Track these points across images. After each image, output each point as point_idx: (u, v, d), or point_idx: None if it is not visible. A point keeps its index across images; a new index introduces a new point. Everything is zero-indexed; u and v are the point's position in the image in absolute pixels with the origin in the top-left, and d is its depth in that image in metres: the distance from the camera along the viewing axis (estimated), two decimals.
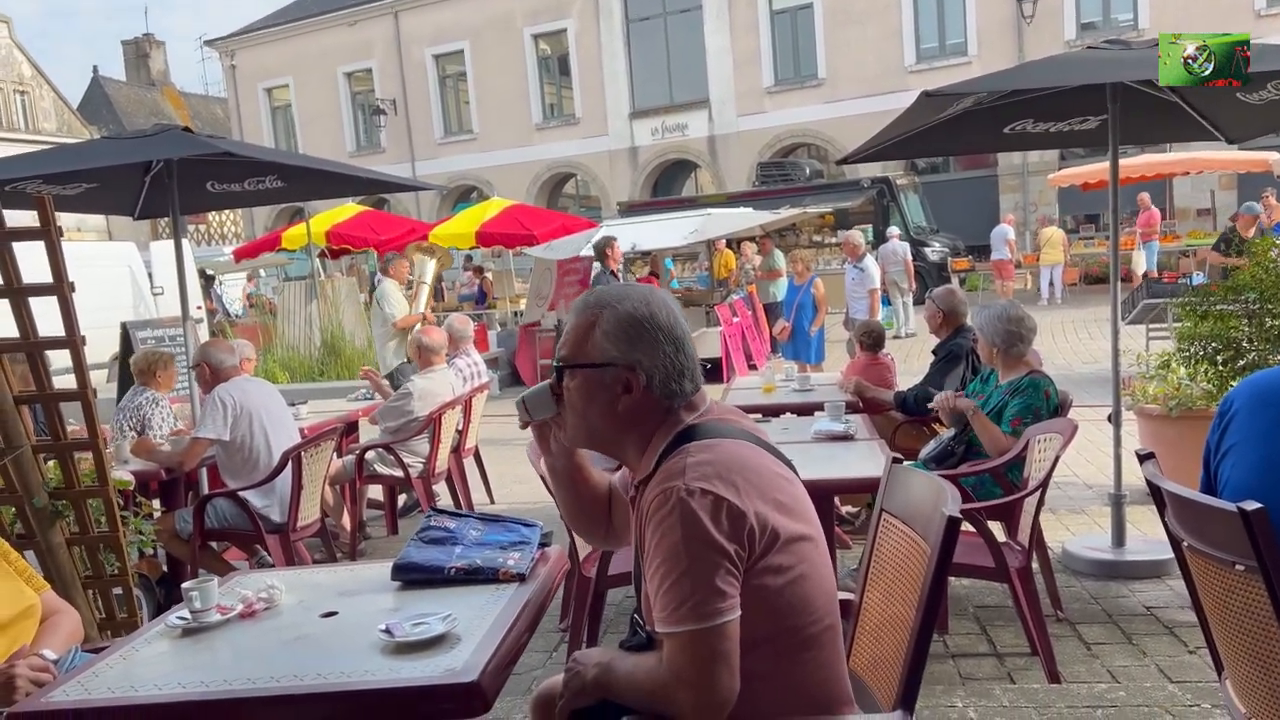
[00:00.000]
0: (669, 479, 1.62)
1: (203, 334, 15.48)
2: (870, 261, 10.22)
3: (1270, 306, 4.17)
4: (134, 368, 5.76)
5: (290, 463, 4.50)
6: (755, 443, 1.74)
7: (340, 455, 5.75)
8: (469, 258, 19.75)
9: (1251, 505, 1.51)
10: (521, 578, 2.06)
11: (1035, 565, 3.72)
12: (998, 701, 3.20)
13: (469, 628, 1.80)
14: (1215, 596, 1.74)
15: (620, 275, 9.02)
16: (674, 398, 1.74)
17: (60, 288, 2.99)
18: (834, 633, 1.72)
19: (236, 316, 19.26)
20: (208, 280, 19.49)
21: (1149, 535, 4.80)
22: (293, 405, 5.92)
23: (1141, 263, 16.24)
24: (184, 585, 1.96)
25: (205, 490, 5.32)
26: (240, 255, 16.64)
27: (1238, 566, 1.60)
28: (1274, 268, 4.15)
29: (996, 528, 3.80)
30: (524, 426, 1.87)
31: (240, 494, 4.50)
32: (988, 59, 22.26)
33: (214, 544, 4.91)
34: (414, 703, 1.60)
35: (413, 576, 2.05)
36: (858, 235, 10.25)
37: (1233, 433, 1.78)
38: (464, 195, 28.27)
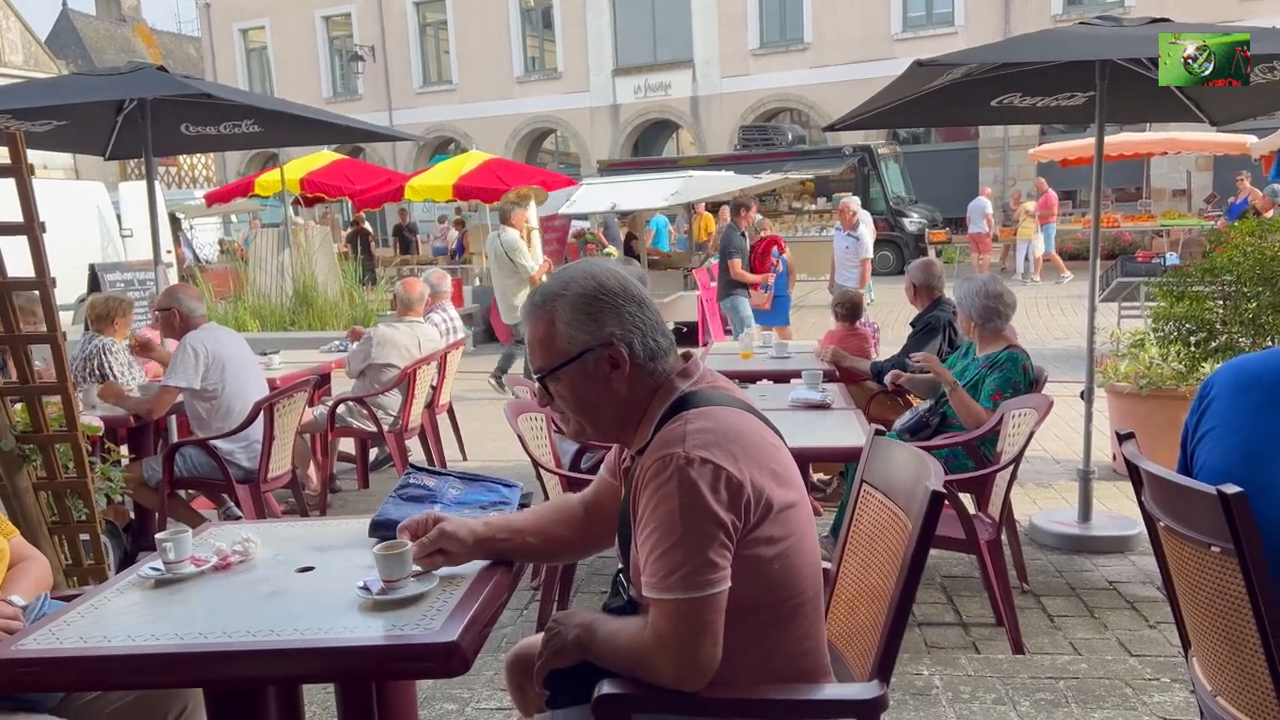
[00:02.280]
0: (667, 445, 1.61)
1: (171, 278, 15.27)
2: (865, 230, 10.23)
3: (1246, 290, 4.21)
4: (90, 313, 5.62)
5: (262, 413, 4.45)
6: (748, 410, 1.73)
7: (312, 406, 5.70)
8: (458, 211, 19.49)
9: (1231, 489, 1.52)
10: None
11: (1003, 538, 3.77)
12: (963, 671, 3.26)
13: (448, 587, 1.79)
14: (1188, 576, 1.76)
15: (748, 236, 8.96)
16: (658, 357, 1.72)
17: (31, 228, 2.91)
18: (816, 603, 1.73)
19: (206, 262, 18.98)
20: (176, 224, 19.17)
21: (1114, 511, 4.88)
22: (265, 355, 5.87)
23: (1040, 246, 16.55)
24: (158, 536, 1.93)
25: (174, 438, 5.27)
26: (212, 200, 16.36)
27: (1213, 548, 1.62)
28: (1252, 252, 4.18)
29: (967, 500, 3.85)
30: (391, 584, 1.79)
31: (210, 443, 4.45)
32: (974, 29, 22.20)
33: (182, 493, 4.86)
34: (394, 661, 1.59)
35: (390, 533, 2.03)
36: (855, 203, 10.22)
37: (1211, 416, 1.79)
38: (441, 147, 27.89)
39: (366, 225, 18.70)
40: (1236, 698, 1.69)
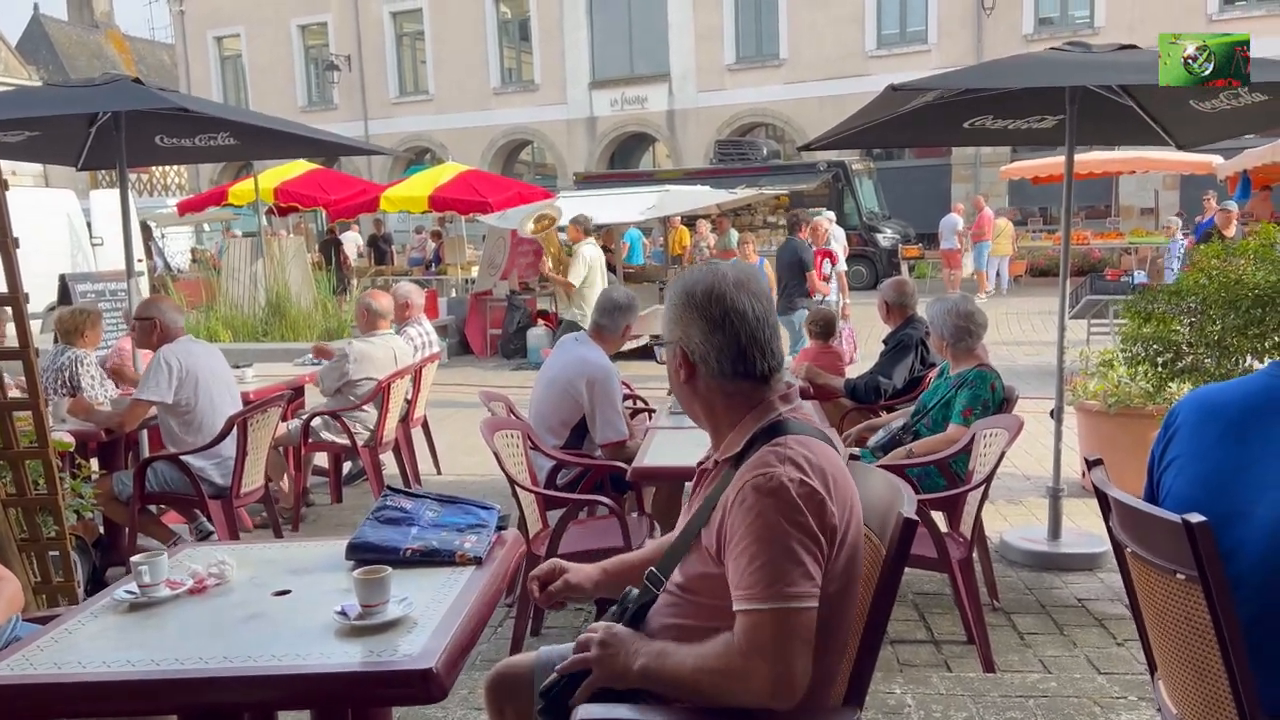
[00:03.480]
0: (769, 465, 1.67)
1: (143, 288, 15.11)
2: (837, 246, 10.41)
3: (1211, 313, 4.29)
4: (58, 326, 5.58)
5: (235, 428, 4.42)
6: (833, 447, 1.79)
7: (286, 421, 5.67)
8: (445, 220, 19.41)
9: (1196, 518, 1.56)
10: (479, 561, 2.05)
11: (974, 555, 3.82)
12: (935, 689, 3.29)
13: (425, 612, 1.80)
14: (1154, 602, 1.80)
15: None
16: (745, 376, 1.78)
17: (4, 243, 2.89)
18: (845, 643, 1.77)
19: (178, 271, 18.80)
20: (147, 232, 18.98)
21: (1083, 528, 4.94)
22: (238, 368, 5.82)
23: (969, 264, 16.87)
24: (133, 559, 1.92)
25: (145, 452, 5.22)
26: (184, 208, 16.24)
27: (1179, 575, 1.66)
28: (1217, 275, 4.27)
29: (939, 518, 3.89)
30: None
31: (183, 458, 4.41)
32: (947, 48, 22.49)
33: (152, 507, 4.81)
34: (370, 688, 1.59)
35: (367, 556, 2.03)
36: (825, 221, 10.39)
37: (1176, 445, 1.83)
38: (417, 157, 27.84)
39: (341, 235, 18.62)
40: None
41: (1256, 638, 1.58)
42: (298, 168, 14.47)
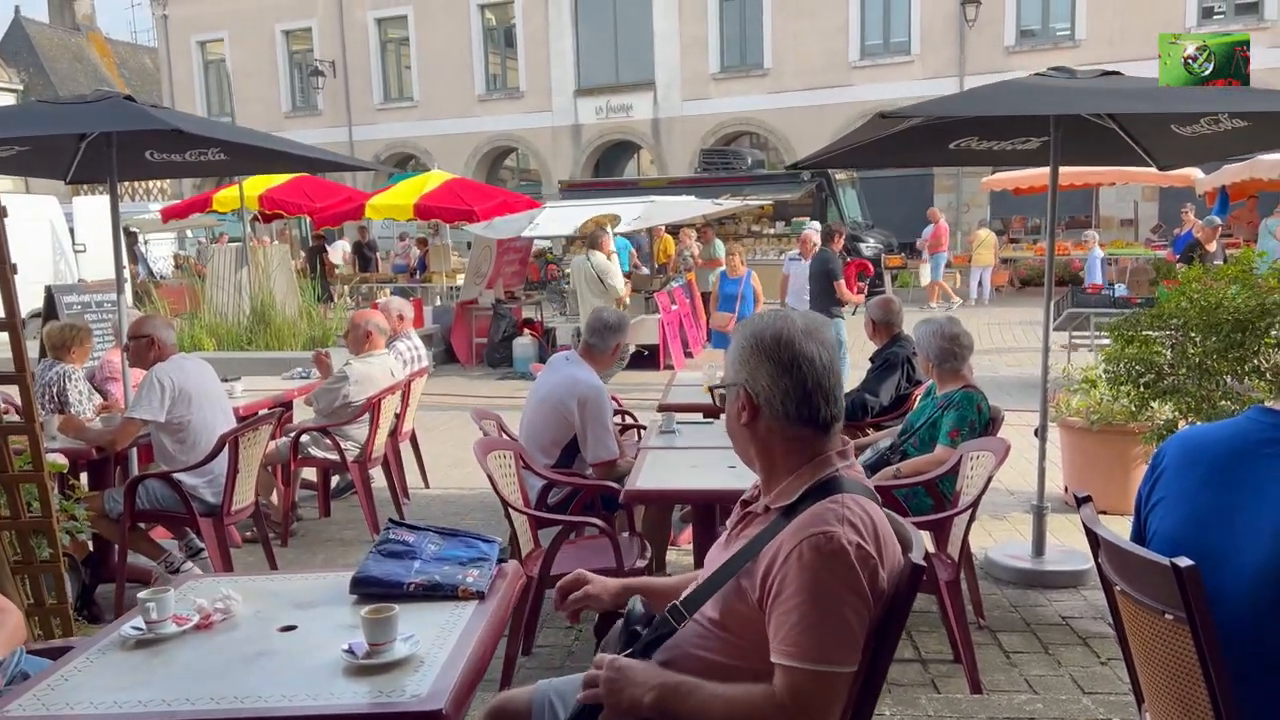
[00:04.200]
0: (830, 524, 1.70)
1: (125, 294, 15.01)
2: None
3: (1193, 336, 4.37)
4: (47, 341, 5.57)
5: (228, 446, 4.43)
6: (880, 506, 1.84)
7: (275, 439, 5.66)
8: (433, 228, 19.43)
9: (1184, 562, 1.61)
10: (481, 595, 2.08)
11: (960, 575, 3.87)
12: (923, 711, 3.34)
13: (431, 649, 1.82)
14: (1143, 639, 1.85)
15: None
16: (806, 423, 1.82)
17: (2, 270, 2.90)
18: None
19: (161, 277, 18.69)
20: (130, 238, 18.85)
21: (1067, 544, 5.01)
22: (227, 382, 5.81)
23: (925, 275, 17.11)
24: (140, 595, 1.94)
25: (135, 469, 5.21)
26: (168, 215, 16.16)
27: (1167, 615, 1.71)
28: (1198, 299, 4.35)
29: (926, 537, 3.94)
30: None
31: (174, 476, 4.41)
32: (929, 59, 22.67)
33: (141, 524, 4.80)
34: None
35: (371, 590, 2.06)
36: (814, 234, 10.45)
37: (1162, 486, 1.88)
38: (401, 164, 27.78)
39: (330, 244, 18.61)
40: None
41: (1243, 677, 1.63)
42: (282, 175, 14.43)
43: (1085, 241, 15.58)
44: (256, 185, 14.09)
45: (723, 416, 1.97)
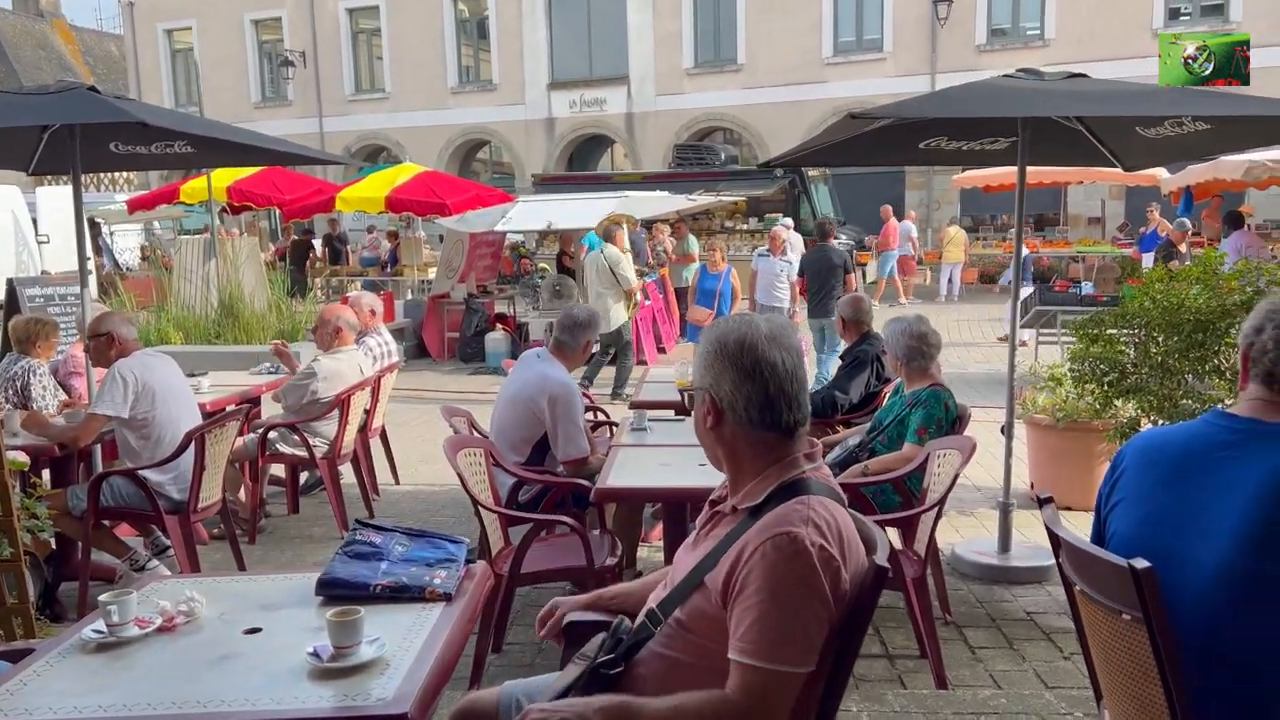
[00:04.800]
0: (792, 523, 1.71)
1: (90, 286, 14.78)
2: (794, 255, 10.56)
3: (1155, 335, 4.43)
4: (12, 335, 5.49)
5: (194, 443, 4.38)
6: (846, 509, 1.85)
7: (242, 435, 5.61)
8: (405, 221, 19.32)
9: (1141, 564, 1.64)
10: (448, 597, 2.07)
11: (927, 571, 3.91)
12: (889, 706, 3.37)
13: (397, 652, 1.82)
14: (1101, 637, 1.88)
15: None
16: (770, 427, 1.83)
17: None
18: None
19: (127, 269, 18.45)
20: (95, 229, 18.57)
21: (1032, 540, 5.07)
22: (193, 377, 5.74)
23: (873, 271, 17.32)
24: (101, 597, 1.91)
25: (99, 466, 5.15)
26: (134, 206, 15.94)
27: (1124, 615, 1.74)
28: (1160, 299, 4.41)
29: (893, 534, 3.98)
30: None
31: (139, 473, 4.36)
32: (902, 56, 22.80)
33: (106, 521, 4.75)
34: None
35: (338, 592, 2.05)
36: (783, 231, 10.56)
37: (1121, 488, 1.92)
38: (373, 156, 27.57)
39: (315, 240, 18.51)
40: None
41: (1196, 676, 1.67)
42: (256, 166, 14.27)
43: (1010, 240, 15.68)
44: (225, 177, 13.92)
45: (690, 416, 1.98)
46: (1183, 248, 10.60)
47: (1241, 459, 1.72)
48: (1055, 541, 1.97)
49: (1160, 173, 13.13)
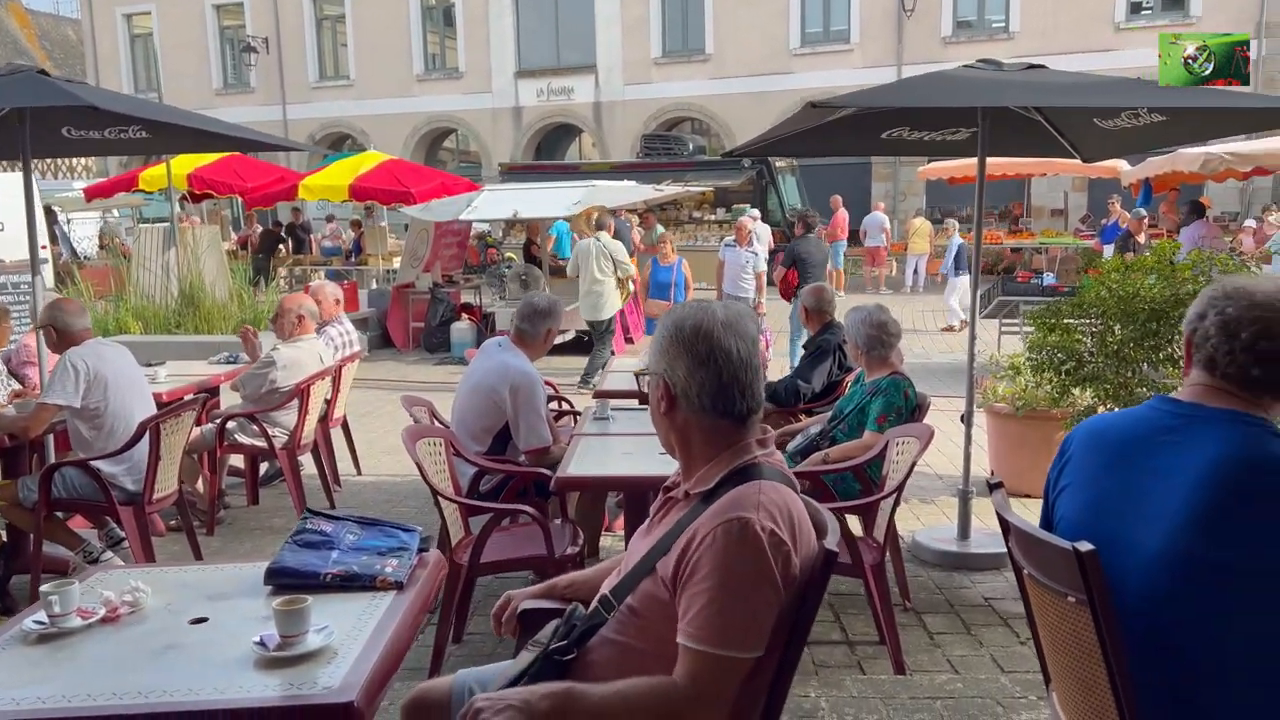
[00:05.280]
0: (742, 508, 1.71)
1: (47, 275, 14.50)
2: (760, 245, 10.64)
3: (1111, 324, 4.49)
4: None
5: (148, 433, 4.31)
6: (797, 494, 1.86)
7: (201, 424, 5.54)
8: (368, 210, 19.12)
9: (1085, 546, 1.66)
10: (400, 586, 2.06)
11: (887, 557, 3.94)
12: (848, 692, 3.40)
13: (346, 640, 1.80)
14: (1048, 621, 1.90)
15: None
16: (723, 414, 1.83)
17: None
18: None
19: (85, 258, 18.13)
20: (51, 217, 18.22)
21: (991, 528, 5.13)
22: (150, 366, 5.66)
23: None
24: (42, 589, 1.88)
25: (52, 456, 5.06)
26: (92, 194, 15.68)
27: (1069, 598, 1.76)
28: (1116, 289, 4.46)
29: (854, 522, 4.00)
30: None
31: (92, 464, 4.29)
32: (868, 48, 22.90)
33: (59, 513, 4.67)
34: None
35: (287, 581, 2.02)
36: (749, 221, 10.62)
37: (1068, 472, 1.94)
38: (337, 144, 27.28)
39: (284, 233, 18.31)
40: None
41: (1139, 658, 1.69)
42: (212, 154, 14.07)
43: (946, 229, 15.76)
44: (185, 164, 13.73)
45: None
46: (1140, 238, 10.75)
47: (1183, 444, 1.74)
48: (1005, 526, 1.99)
49: (1121, 165, 13.30)
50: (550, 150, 27.47)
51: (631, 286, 10.37)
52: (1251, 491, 1.64)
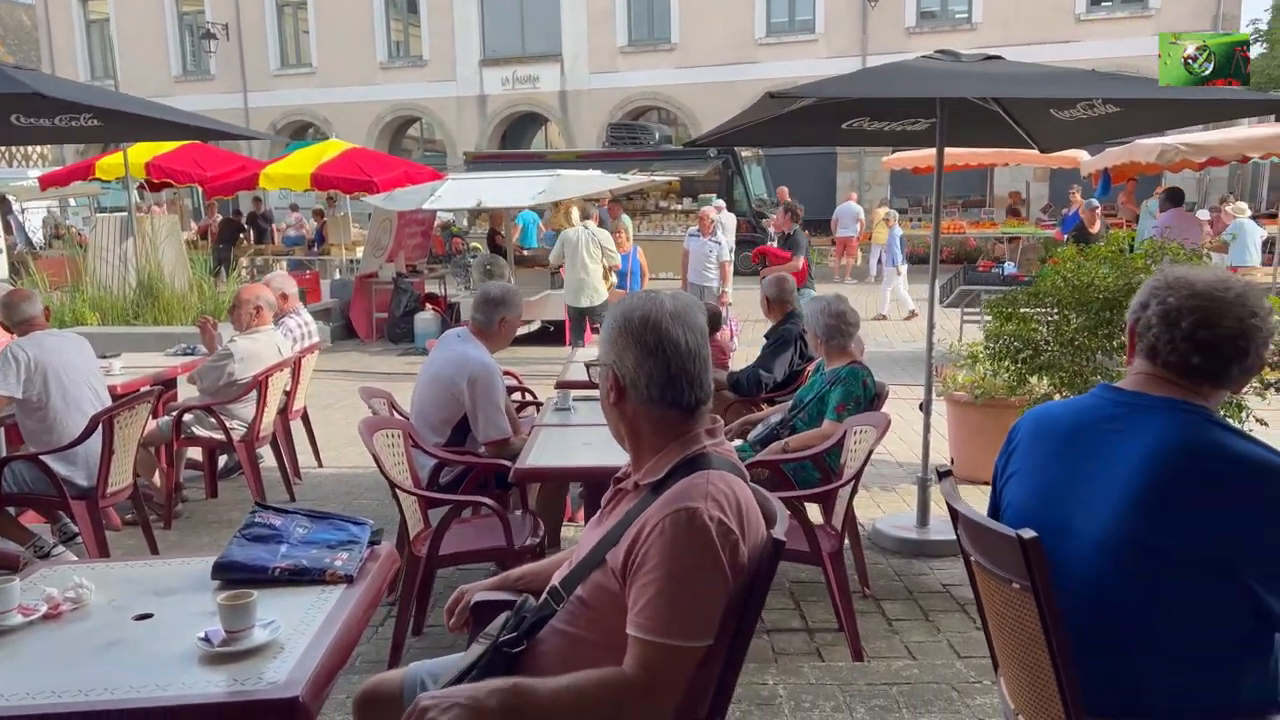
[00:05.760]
0: (690, 499, 1.71)
1: (0, 266, 14.22)
2: (725, 236, 10.68)
3: (1067, 314, 4.54)
4: None
5: (101, 426, 4.24)
6: (747, 483, 1.85)
7: (157, 416, 5.46)
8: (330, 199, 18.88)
9: (1028, 534, 1.68)
10: (350, 579, 2.04)
11: (847, 544, 3.97)
12: (806, 679, 3.42)
13: (293, 635, 1.78)
14: (995, 607, 1.92)
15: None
16: (672, 405, 1.83)
17: None
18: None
19: (40, 248, 17.80)
20: (5, 206, 17.90)
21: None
22: (105, 358, 5.57)
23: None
24: None
25: (2, 450, 4.97)
26: (47, 183, 15.37)
27: (1014, 584, 1.78)
28: (1071, 278, 4.52)
29: (814, 510, 4.03)
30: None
31: (42, 458, 4.21)
32: (833, 38, 22.98)
33: (10, 508, 4.58)
34: (233, 718, 1.57)
35: (235, 576, 2.00)
36: (712, 211, 10.67)
37: (1015, 460, 1.96)
38: (299, 133, 26.93)
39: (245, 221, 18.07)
40: (1034, 718, 1.86)
41: (1081, 643, 1.71)
42: (171, 142, 13.84)
43: (888, 219, 15.82)
44: (143, 153, 13.50)
45: None
46: (1095, 228, 10.89)
47: (1126, 431, 1.76)
48: (954, 514, 2.01)
49: (1081, 155, 13.46)
50: (516, 139, 27.32)
51: (613, 278, 10.37)
52: (1190, 478, 1.67)
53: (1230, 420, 4.30)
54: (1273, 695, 1.73)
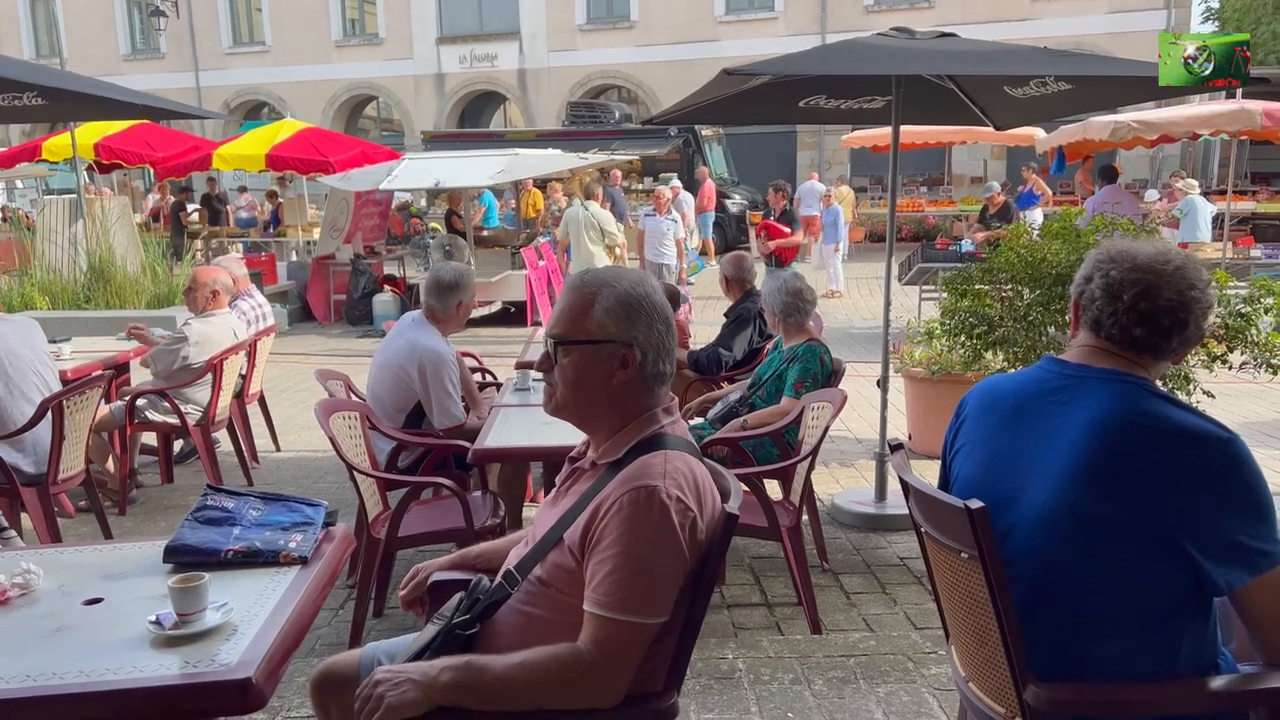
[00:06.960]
0: (648, 477, 1.72)
1: None
2: (675, 215, 10.72)
3: (1020, 289, 4.61)
4: None
5: (50, 412, 4.16)
6: (702, 462, 1.87)
7: (109, 401, 5.37)
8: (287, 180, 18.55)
9: (975, 504, 1.71)
10: (304, 561, 2.03)
11: (806, 519, 4.01)
12: (765, 653, 3.46)
13: (246, 617, 1.77)
14: (945, 577, 1.96)
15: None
16: (659, 379, 1.85)
17: None
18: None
19: None
20: None
21: None
22: (55, 343, 5.45)
23: (696, 235, 17.81)
24: None
25: None
26: None
27: (963, 554, 1.81)
28: (1024, 253, 4.58)
29: (773, 486, 4.07)
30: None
31: None
32: (792, 17, 22.98)
33: None
34: (183, 702, 1.56)
35: (186, 559, 1.98)
36: (668, 191, 10.73)
37: (964, 433, 1.99)
38: (253, 112, 26.48)
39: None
40: (983, 684, 1.91)
41: (1027, 610, 1.75)
42: (121, 122, 13.54)
43: (829, 195, 15.87)
44: (92, 133, 13.20)
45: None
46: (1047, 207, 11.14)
47: (1070, 403, 1.79)
48: (905, 487, 2.04)
49: (1037, 133, 13.62)
50: (474, 118, 27.08)
51: (619, 254, 10.35)
52: (1130, 448, 1.70)
53: (1177, 393, 4.42)
54: (1211, 658, 1.78)
